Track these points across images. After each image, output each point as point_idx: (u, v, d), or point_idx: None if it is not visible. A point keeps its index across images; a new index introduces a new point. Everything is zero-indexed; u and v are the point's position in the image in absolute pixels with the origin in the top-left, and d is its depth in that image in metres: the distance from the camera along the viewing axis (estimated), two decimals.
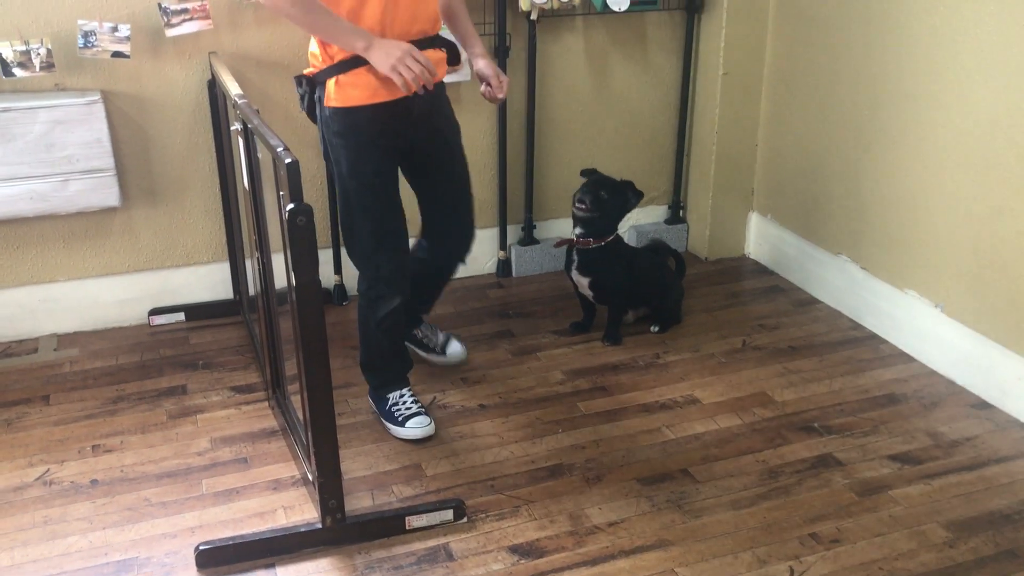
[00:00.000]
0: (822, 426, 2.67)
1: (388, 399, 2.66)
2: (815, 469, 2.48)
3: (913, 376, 2.92)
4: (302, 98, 2.43)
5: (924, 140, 2.87)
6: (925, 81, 2.83)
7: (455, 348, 2.95)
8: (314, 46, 2.38)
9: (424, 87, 2.31)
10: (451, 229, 2.67)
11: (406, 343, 2.81)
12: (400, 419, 2.61)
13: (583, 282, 3.12)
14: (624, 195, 3.05)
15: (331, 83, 2.33)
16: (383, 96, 2.34)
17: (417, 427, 2.60)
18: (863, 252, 3.20)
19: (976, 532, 2.25)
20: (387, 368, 2.68)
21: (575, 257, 3.10)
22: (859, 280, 3.22)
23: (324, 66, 2.35)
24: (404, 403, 2.64)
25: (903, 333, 3.06)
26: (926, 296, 2.96)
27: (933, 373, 2.93)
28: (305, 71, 2.43)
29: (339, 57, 2.32)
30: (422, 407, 2.65)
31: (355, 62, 2.30)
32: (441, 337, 2.95)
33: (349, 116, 2.35)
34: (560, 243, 3.18)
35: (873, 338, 3.14)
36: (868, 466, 2.49)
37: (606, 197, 3.01)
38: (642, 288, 3.17)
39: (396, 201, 2.48)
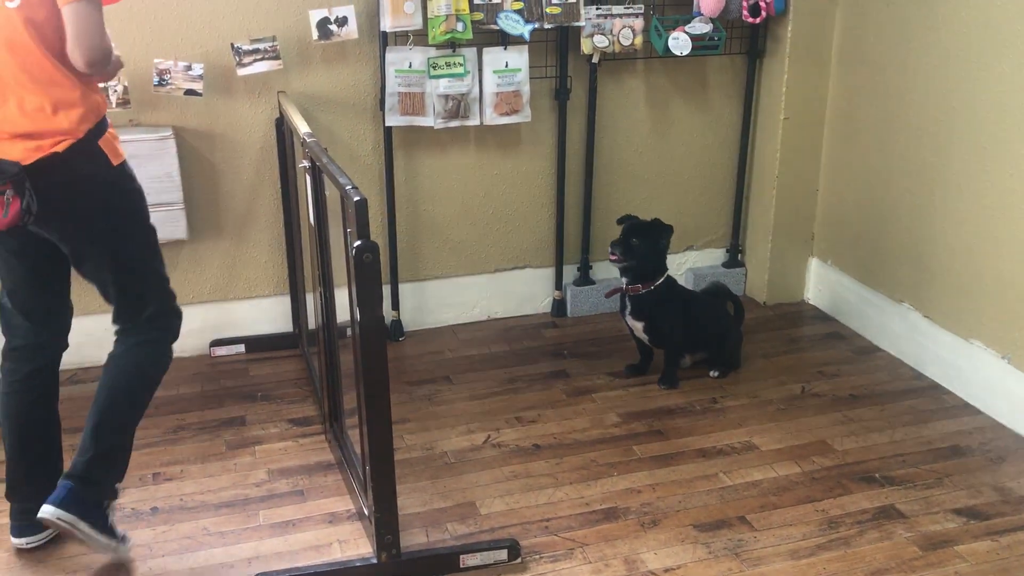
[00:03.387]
0: (883, 477, 2.62)
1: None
2: (876, 520, 2.43)
3: (978, 428, 2.85)
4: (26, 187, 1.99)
5: (991, 187, 2.83)
6: (993, 128, 2.80)
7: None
8: (69, 103, 2.03)
9: None
10: None
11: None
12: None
13: (638, 326, 3.11)
14: (655, 234, 3.04)
15: (108, 139, 2.14)
16: None
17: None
18: (926, 300, 3.14)
19: None
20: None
21: (627, 303, 3.10)
22: (922, 328, 3.16)
23: (94, 123, 2.10)
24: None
25: (968, 384, 2.99)
26: (992, 347, 2.90)
27: (1000, 426, 2.86)
28: (48, 146, 2.01)
29: (103, 109, 2.14)
30: None
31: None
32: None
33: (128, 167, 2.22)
34: (611, 292, 3.18)
35: (936, 388, 3.08)
36: (932, 519, 2.43)
37: (637, 243, 3.00)
38: (699, 332, 3.15)
39: None
